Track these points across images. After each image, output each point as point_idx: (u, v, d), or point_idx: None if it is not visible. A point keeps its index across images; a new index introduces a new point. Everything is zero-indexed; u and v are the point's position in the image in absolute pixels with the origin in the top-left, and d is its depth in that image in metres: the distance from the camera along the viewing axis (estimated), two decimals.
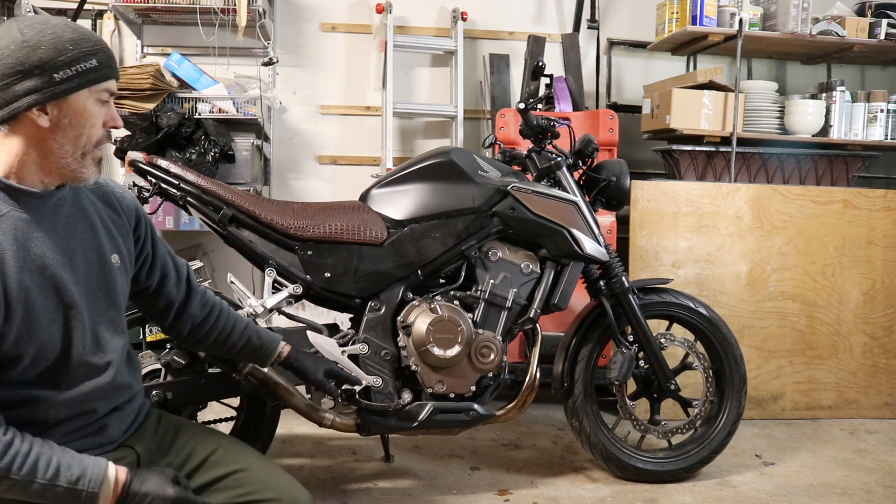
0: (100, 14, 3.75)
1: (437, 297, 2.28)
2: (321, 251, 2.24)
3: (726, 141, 3.50)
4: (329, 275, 2.24)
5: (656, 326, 2.58)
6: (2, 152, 1.29)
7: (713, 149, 3.54)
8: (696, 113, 3.48)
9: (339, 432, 2.30)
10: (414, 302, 2.28)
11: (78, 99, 1.28)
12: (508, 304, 2.32)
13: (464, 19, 3.86)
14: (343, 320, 2.47)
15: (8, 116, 1.25)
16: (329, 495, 2.39)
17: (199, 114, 3.43)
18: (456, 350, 2.22)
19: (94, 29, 3.76)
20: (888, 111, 3.67)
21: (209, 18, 3.45)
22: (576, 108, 3.74)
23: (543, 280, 2.35)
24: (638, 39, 4.12)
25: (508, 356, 2.34)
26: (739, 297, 3.31)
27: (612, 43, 4.15)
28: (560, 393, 2.52)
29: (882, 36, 3.63)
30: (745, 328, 3.29)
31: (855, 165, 3.70)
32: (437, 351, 2.21)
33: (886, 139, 3.68)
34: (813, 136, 3.62)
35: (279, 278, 2.22)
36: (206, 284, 1.87)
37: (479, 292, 2.31)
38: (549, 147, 2.49)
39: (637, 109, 3.96)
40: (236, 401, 2.35)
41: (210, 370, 2.18)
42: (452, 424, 2.30)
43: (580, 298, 2.61)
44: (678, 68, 4.10)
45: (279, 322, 2.35)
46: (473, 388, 2.30)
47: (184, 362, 2.13)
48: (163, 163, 2.16)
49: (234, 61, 3.71)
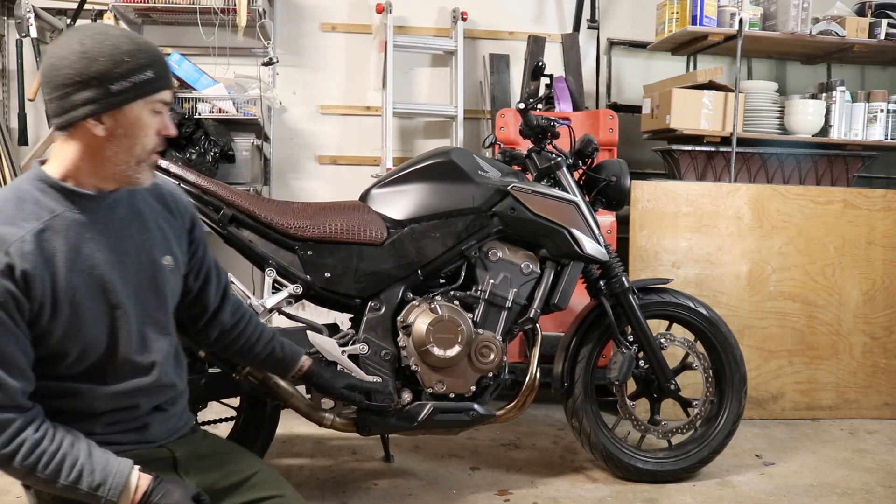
0: (100, 14, 3.74)
1: (437, 297, 2.28)
2: (321, 251, 2.24)
3: (726, 141, 3.50)
4: (329, 275, 2.24)
5: (656, 326, 2.58)
6: (60, 156, 1.33)
7: (713, 149, 3.54)
8: (696, 113, 3.48)
9: (339, 432, 2.30)
10: (414, 302, 2.28)
11: (133, 109, 1.31)
12: (508, 304, 2.32)
13: (464, 19, 3.86)
14: (343, 320, 2.47)
15: (66, 124, 1.29)
16: (329, 495, 2.39)
17: (199, 114, 3.43)
18: (456, 350, 2.22)
19: None
20: (888, 111, 3.67)
21: (209, 18, 3.45)
22: (576, 108, 3.74)
23: (543, 280, 2.35)
24: (638, 39, 4.12)
25: (508, 356, 2.34)
26: (739, 297, 3.31)
27: (612, 43, 4.15)
28: (560, 393, 2.52)
29: (882, 36, 3.63)
30: (745, 328, 3.29)
31: (855, 165, 3.70)
32: (437, 351, 2.21)
33: (886, 139, 3.67)
34: (813, 136, 3.62)
35: (279, 278, 2.22)
36: None
37: (479, 292, 2.31)
38: (549, 147, 2.49)
39: (637, 109, 3.96)
40: (236, 401, 2.35)
41: (210, 370, 2.18)
42: (452, 424, 2.30)
43: (580, 298, 2.61)
44: (678, 68, 4.10)
45: (279, 322, 2.35)
46: (473, 388, 2.30)
47: None
48: (163, 163, 2.16)
49: (234, 61, 3.71)
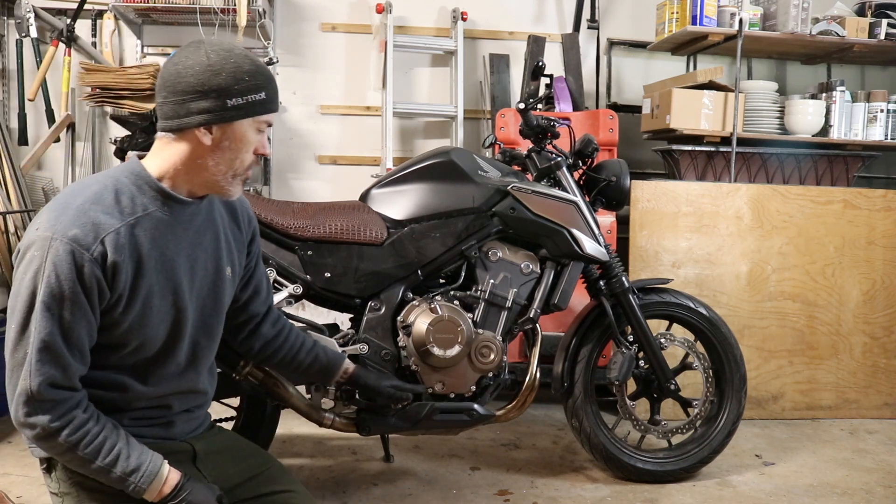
0: (100, 14, 3.75)
1: (437, 297, 2.28)
2: (321, 251, 2.24)
3: (726, 141, 3.50)
4: (329, 275, 2.24)
5: (656, 326, 2.58)
6: (161, 156, 1.40)
7: (713, 149, 3.54)
8: (696, 113, 3.48)
9: (339, 432, 2.30)
10: (414, 302, 2.28)
11: (241, 125, 1.38)
12: (508, 304, 2.32)
13: (464, 19, 3.86)
14: (343, 320, 2.47)
15: (177, 128, 1.36)
16: (329, 495, 2.39)
17: None
18: (456, 350, 2.22)
19: (94, 29, 3.76)
20: (888, 111, 3.67)
21: (209, 18, 3.45)
22: (576, 108, 3.74)
23: (543, 280, 2.35)
24: (638, 39, 4.12)
25: (508, 356, 2.34)
26: (739, 297, 3.31)
27: (612, 43, 4.15)
28: (560, 393, 2.52)
29: (882, 36, 3.63)
30: (745, 328, 3.29)
31: (855, 165, 3.70)
32: (437, 351, 2.21)
33: (886, 139, 3.67)
34: (813, 136, 3.62)
35: (279, 278, 2.22)
36: None
37: (479, 292, 2.31)
38: (549, 147, 2.49)
39: (637, 109, 3.96)
40: (236, 401, 2.35)
41: None
42: (452, 424, 2.30)
43: (580, 298, 2.61)
44: (678, 68, 4.10)
45: None
46: (473, 388, 2.30)
47: None
48: None
49: None
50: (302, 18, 3.95)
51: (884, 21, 3.63)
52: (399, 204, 2.31)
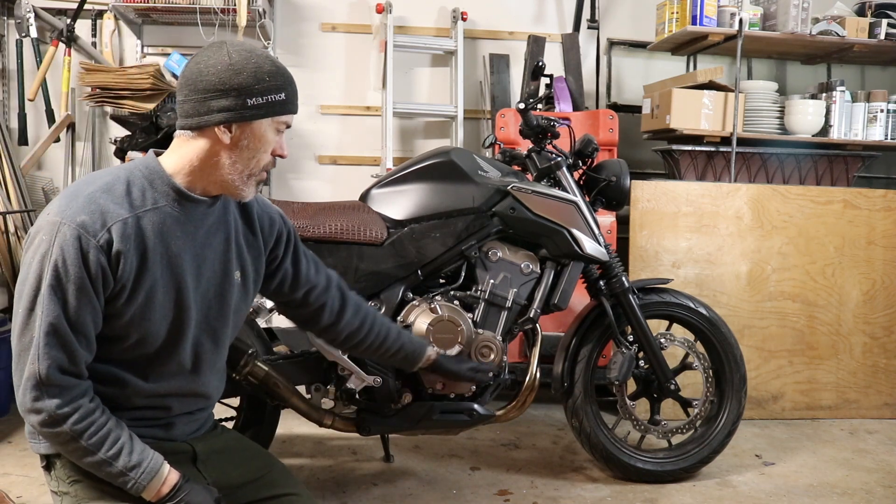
0: (100, 14, 3.75)
1: (437, 297, 2.28)
2: (321, 251, 2.23)
3: (726, 141, 3.50)
4: None
5: (656, 326, 2.58)
6: (178, 152, 1.41)
7: (713, 149, 3.54)
8: (696, 113, 3.48)
9: (339, 432, 2.31)
10: (414, 302, 2.28)
11: (261, 125, 1.39)
12: (508, 304, 2.32)
13: (464, 19, 3.86)
14: None
15: (197, 125, 1.37)
16: (329, 495, 2.39)
17: None
18: (456, 350, 2.22)
19: (94, 29, 3.76)
20: (888, 111, 3.67)
21: (209, 18, 3.45)
22: (576, 108, 3.74)
23: (543, 280, 2.35)
24: (638, 39, 4.12)
25: (508, 356, 2.34)
26: (739, 297, 3.31)
27: (612, 43, 4.15)
28: (560, 393, 2.52)
29: (882, 36, 3.63)
30: (745, 328, 3.29)
31: (855, 165, 3.70)
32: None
33: (886, 139, 3.67)
34: (813, 136, 3.62)
35: None
36: None
37: (479, 292, 2.31)
38: (549, 147, 2.49)
39: (637, 109, 3.96)
40: (236, 401, 2.35)
41: None
42: (452, 424, 2.30)
43: (580, 298, 2.61)
44: (678, 68, 4.10)
45: (279, 322, 2.35)
46: (473, 389, 2.30)
47: None
48: None
49: None
50: (302, 18, 3.95)
51: (884, 21, 3.63)
52: (399, 204, 2.31)
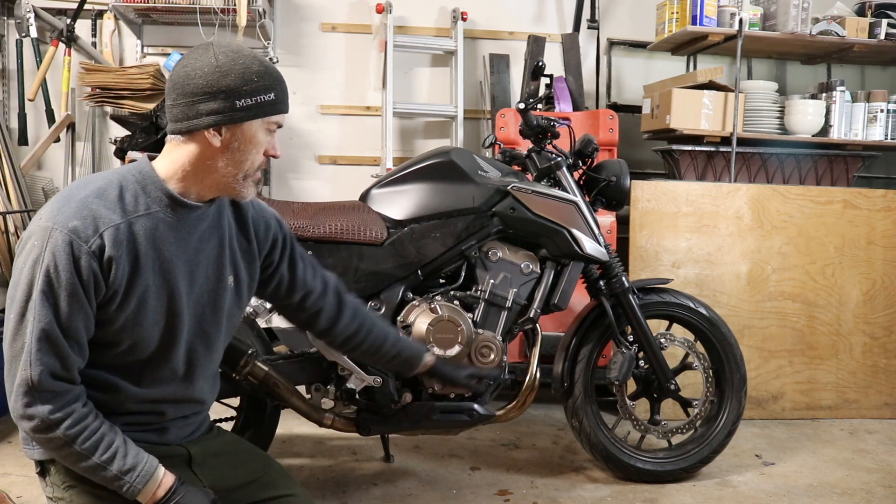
0: (100, 14, 3.75)
1: (437, 297, 2.28)
2: (321, 251, 2.23)
3: (726, 141, 3.50)
4: None
5: (656, 326, 2.58)
6: (170, 157, 1.39)
7: (713, 149, 3.54)
8: (696, 113, 3.48)
9: (339, 432, 2.30)
10: (414, 302, 2.28)
11: (251, 126, 1.38)
12: (508, 304, 2.32)
13: (464, 19, 3.86)
14: None
15: (186, 129, 1.36)
16: (329, 495, 2.39)
17: None
18: (456, 350, 2.22)
19: (94, 29, 3.76)
20: (888, 111, 3.67)
21: (209, 18, 3.45)
22: (576, 108, 3.74)
23: (543, 280, 2.35)
24: (638, 39, 4.12)
25: (508, 356, 2.34)
26: (739, 297, 3.31)
27: (612, 43, 4.15)
28: (560, 393, 2.52)
29: (882, 36, 3.63)
30: (745, 328, 3.29)
31: (855, 165, 3.70)
32: (438, 351, 2.21)
33: (886, 139, 3.67)
34: (813, 136, 3.62)
35: None
36: None
37: (479, 292, 2.31)
38: (549, 147, 2.49)
39: (637, 109, 3.96)
40: (236, 401, 2.35)
41: None
42: (452, 424, 2.30)
43: (580, 298, 2.61)
44: (678, 68, 4.10)
45: (279, 322, 2.35)
46: None
47: None
48: None
49: None
50: (302, 18, 3.95)
51: (884, 21, 3.63)
52: (399, 204, 2.31)
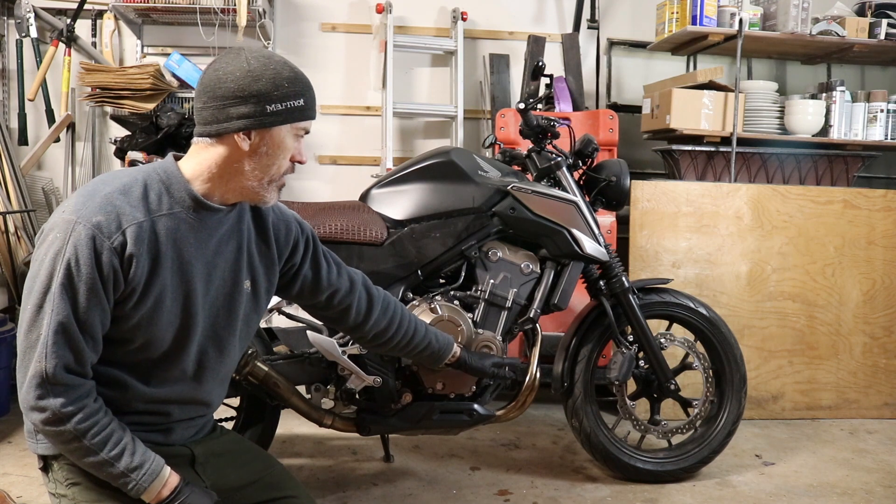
0: (100, 14, 3.75)
1: (437, 297, 2.28)
2: None
3: (726, 141, 3.50)
4: None
5: (656, 326, 2.58)
6: (196, 158, 1.40)
7: (713, 149, 3.54)
8: (696, 113, 3.48)
9: (339, 432, 2.30)
10: (414, 302, 2.28)
11: (280, 132, 1.38)
12: (508, 304, 2.32)
13: (464, 19, 3.86)
14: None
15: (216, 132, 1.36)
16: (329, 495, 2.39)
17: None
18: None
19: (94, 29, 3.76)
20: (888, 111, 3.67)
21: (209, 18, 3.45)
22: (576, 108, 3.74)
23: (543, 280, 2.35)
24: (638, 39, 4.12)
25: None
26: (739, 297, 3.31)
27: (612, 43, 4.15)
28: (560, 393, 2.52)
29: (882, 36, 3.63)
30: (745, 328, 3.29)
31: (855, 165, 3.70)
32: None
33: (886, 139, 3.67)
34: (813, 136, 3.62)
35: None
36: None
37: (479, 292, 2.31)
38: (549, 147, 2.49)
39: (637, 109, 3.96)
40: (236, 401, 2.35)
41: None
42: (452, 424, 2.30)
43: (580, 298, 2.61)
44: (678, 68, 4.10)
45: (279, 322, 2.35)
46: (473, 388, 2.30)
47: None
48: None
49: None
50: (302, 18, 3.95)
51: (884, 21, 3.63)
52: (399, 204, 2.31)
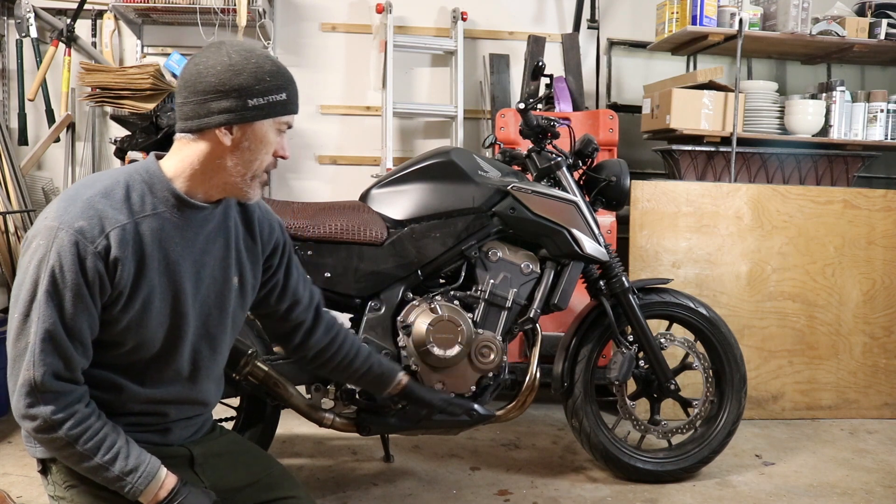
0: (100, 14, 3.75)
1: (437, 297, 2.28)
2: (321, 251, 2.24)
3: (726, 141, 3.50)
4: (329, 275, 2.24)
5: (656, 326, 2.58)
6: (179, 156, 1.38)
7: (713, 149, 3.54)
8: (696, 113, 3.48)
9: (339, 432, 2.30)
10: (414, 302, 2.28)
11: (262, 126, 1.37)
12: (508, 304, 2.32)
13: (464, 19, 3.86)
14: (343, 320, 2.46)
15: (197, 128, 1.35)
16: (329, 495, 2.39)
17: None
18: (456, 350, 2.22)
19: (94, 29, 3.76)
20: (888, 111, 3.67)
21: (209, 18, 3.45)
22: (576, 108, 3.74)
23: (543, 280, 2.35)
24: (638, 39, 4.12)
25: (508, 356, 2.34)
26: (739, 297, 3.31)
27: (612, 43, 4.15)
28: (560, 393, 2.52)
29: (882, 36, 3.63)
30: (745, 328, 3.29)
31: (855, 165, 3.70)
32: (437, 351, 2.21)
33: (886, 139, 3.67)
34: (813, 136, 3.62)
35: None
36: None
37: (479, 292, 2.31)
38: (549, 147, 2.49)
39: (637, 109, 3.96)
40: (236, 401, 2.35)
41: None
42: (452, 424, 2.30)
43: (580, 298, 2.61)
44: (678, 68, 4.10)
45: None
46: (473, 388, 2.30)
47: None
48: None
49: None
50: (302, 18, 3.95)
51: (884, 21, 3.63)
52: (399, 204, 2.31)
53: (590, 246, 2.36)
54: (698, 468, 2.59)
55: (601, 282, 2.48)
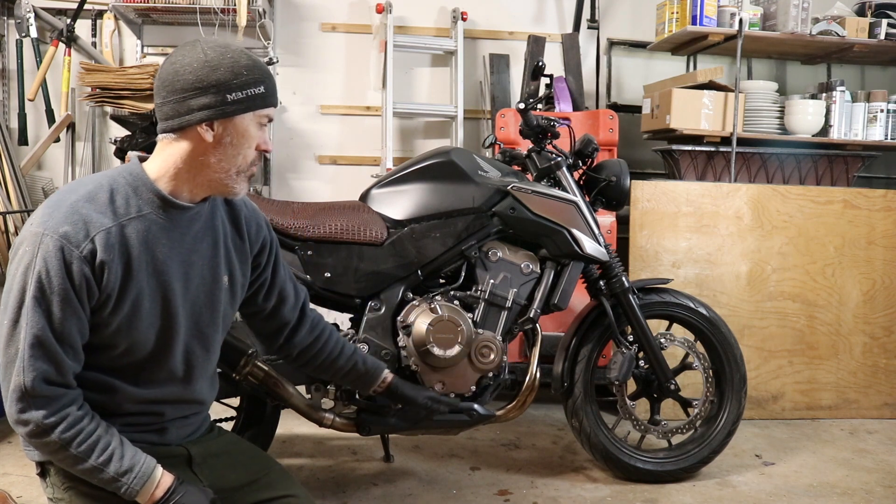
0: (100, 14, 3.75)
1: (437, 297, 2.28)
2: (321, 251, 2.24)
3: (726, 141, 3.50)
4: (329, 275, 2.24)
5: (656, 326, 2.58)
6: (161, 157, 1.38)
7: (713, 149, 3.54)
8: (696, 113, 3.48)
9: (339, 432, 2.30)
10: (414, 302, 2.28)
11: (243, 120, 1.37)
12: (508, 304, 2.32)
13: (464, 19, 3.86)
14: (343, 320, 2.47)
15: (178, 126, 1.34)
16: (329, 495, 2.39)
17: None
18: (456, 350, 2.22)
19: (94, 29, 3.77)
20: (888, 111, 3.67)
21: (209, 18, 3.45)
22: (576, 108, 3.74)
23: (543, 280, 2.35)
24: (638, 39, 4.12)
25: (508, 356, 2.34)
26: (739, 297, 3.31)
27: (612, 43, 4.15)
28: (560, 393, 2.52)
29: (882, 36, 3.63)
30: (745, 328, 3.29)
31: (855, 165, 3.70)
32: (437, 351, 2.21)
33: (886, 139, 3.67)
34: (813, 136, 3.62)
35: None
36: None
37: (479, 292, 2.31)
38: (549, 147, 2.49)
39: (637, 109, 3.96)
40: (236, 401, 2.35)
41: None
42: (452, 424, 2.30)
43: (580, 298, 2.61)
44: (678, 68, 4.10)
45: None
46: (473, 388, 2.30)
47: None
48: None
49: None
50: (302, 18, 3.95)
51: (884, 21, 3.63)
52: (399, 204, 2.31)
53: (590, 246, 2.36)
54: (698, 468, 2.59)
55: (601, 282, 2.48)
